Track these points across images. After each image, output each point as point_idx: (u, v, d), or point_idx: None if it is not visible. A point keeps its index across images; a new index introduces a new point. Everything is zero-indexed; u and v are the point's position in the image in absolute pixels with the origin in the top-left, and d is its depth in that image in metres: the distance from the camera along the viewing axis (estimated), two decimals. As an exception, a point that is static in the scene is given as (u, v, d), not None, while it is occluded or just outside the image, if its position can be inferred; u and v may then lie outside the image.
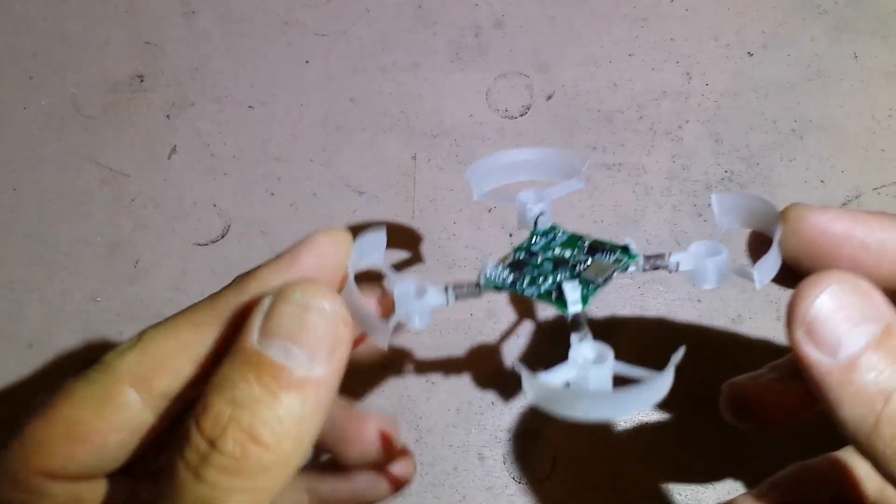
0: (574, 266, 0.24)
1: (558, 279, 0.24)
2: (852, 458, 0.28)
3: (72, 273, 0.39)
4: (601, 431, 0.36)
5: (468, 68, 0.41)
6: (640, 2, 0.42)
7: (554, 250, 0.25)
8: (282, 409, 0.20)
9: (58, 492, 0.22)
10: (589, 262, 0.24)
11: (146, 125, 0.41)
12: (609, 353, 0.20)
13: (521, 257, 0.25)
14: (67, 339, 0.37)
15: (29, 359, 0.37)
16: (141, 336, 0.22)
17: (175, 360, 0.22)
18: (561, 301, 0.23)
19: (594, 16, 0.42)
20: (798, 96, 0.40)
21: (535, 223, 0.26)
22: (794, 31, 0.41)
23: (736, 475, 0.35)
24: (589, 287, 0.23)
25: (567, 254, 0.25)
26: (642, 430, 0.36)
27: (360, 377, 0.36)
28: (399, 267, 0.38)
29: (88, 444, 0.22)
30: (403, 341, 0.37)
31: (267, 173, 0.40)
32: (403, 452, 0.28)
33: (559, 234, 0.26)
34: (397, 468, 0.27)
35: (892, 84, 0.40)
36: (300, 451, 0.20)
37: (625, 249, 0.24)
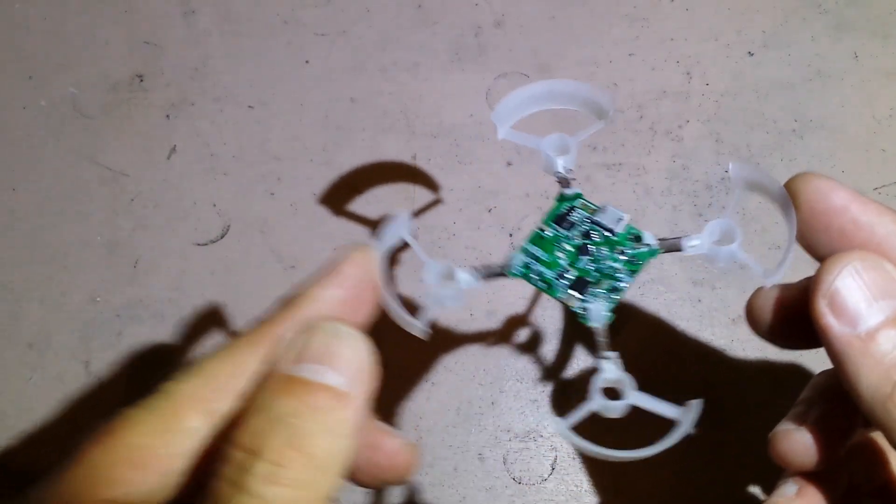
0: (596, 262, 0.24)
1: (581, 269, 0.24)
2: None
3: (71, 273, 0.38)
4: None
5: (468, 68, 0.41)
6: (640, 2, 0.42)
7: (575, 239, 0.25)
8: (322, 421, 0.20)
9: None
10: (608, 259, 0.25)
11: (146, 125, 0.41)
12: (629, 386, 0.22)
13: (547, 234, 0.25)
14: (67, 339, 0.37)
15: (29, 359, 0.37)
16: (198, 363, 0.22)
17: (235, 381, 0.22)
18: (584, 316, 0.24)
19: (594, 16, 0.42)
20: (798, 96, 0.40)
21: (560, 182, 0.26)
22: (795, 30, 0.41)
23: (737, 475, 0.35)
24: (613, 298, 0.24)
25: (589, 244, 0.25)
26: (643, 431, 0.36)
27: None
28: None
29: (153, 471, 0.22)
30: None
31: (267, 173, 0.40)
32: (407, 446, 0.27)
33: (579, 218, 0.25)
34: (400, 453, 0.26)
35: (892, 84, 0.40)
36: (340, 464, 0.20)
37: (637, 239, 0.25)
